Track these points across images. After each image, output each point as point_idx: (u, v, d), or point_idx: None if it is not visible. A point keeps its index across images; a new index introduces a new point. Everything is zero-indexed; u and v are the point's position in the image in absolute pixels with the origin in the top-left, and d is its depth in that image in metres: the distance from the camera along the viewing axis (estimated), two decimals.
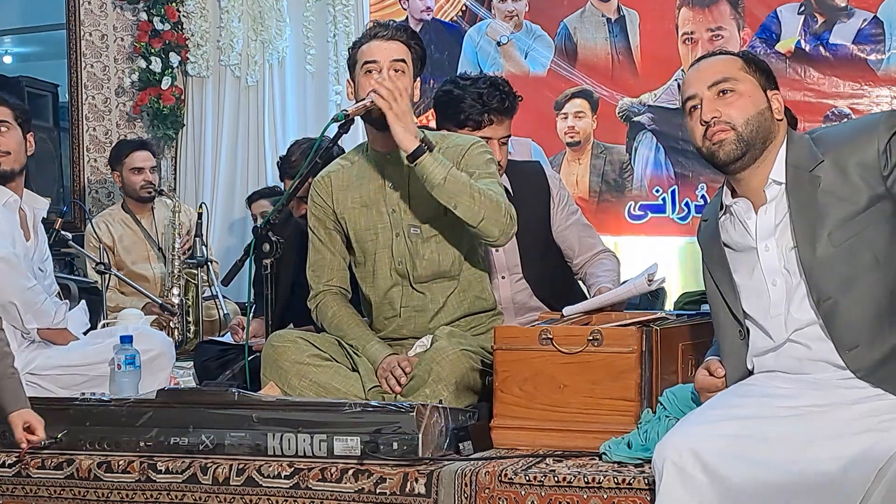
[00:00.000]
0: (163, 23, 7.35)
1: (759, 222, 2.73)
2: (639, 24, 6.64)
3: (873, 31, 6.15)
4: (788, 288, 2.69)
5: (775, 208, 2.72)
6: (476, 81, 4.08)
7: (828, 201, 2.64)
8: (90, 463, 3.23)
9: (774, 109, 2.77)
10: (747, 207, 2.76)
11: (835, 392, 2.60)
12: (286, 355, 3.56)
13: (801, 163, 2.70)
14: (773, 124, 2.76)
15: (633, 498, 2.75)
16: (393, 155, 3.63)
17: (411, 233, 3.64)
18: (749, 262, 2.76)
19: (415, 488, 2.92)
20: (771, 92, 2.79)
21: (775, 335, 2.70)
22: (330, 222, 3.76)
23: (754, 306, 2.75)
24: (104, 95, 7.68)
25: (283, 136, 7.17)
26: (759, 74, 2.80)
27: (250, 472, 3.08)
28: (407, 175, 3.62)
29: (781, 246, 2.70)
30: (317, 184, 3.79)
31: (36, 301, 4.07)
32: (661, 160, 6.58)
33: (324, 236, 3.78)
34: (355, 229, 3.71)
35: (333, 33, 7.16)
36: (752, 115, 2.74)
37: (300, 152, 4.52)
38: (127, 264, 6.17)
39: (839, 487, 2.45)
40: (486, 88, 4.05)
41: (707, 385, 2.83)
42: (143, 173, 6.28)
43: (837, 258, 2.62)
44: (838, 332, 2.61)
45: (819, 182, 2.65)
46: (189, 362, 4.79)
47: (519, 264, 4.16)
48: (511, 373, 3.20)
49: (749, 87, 2.77)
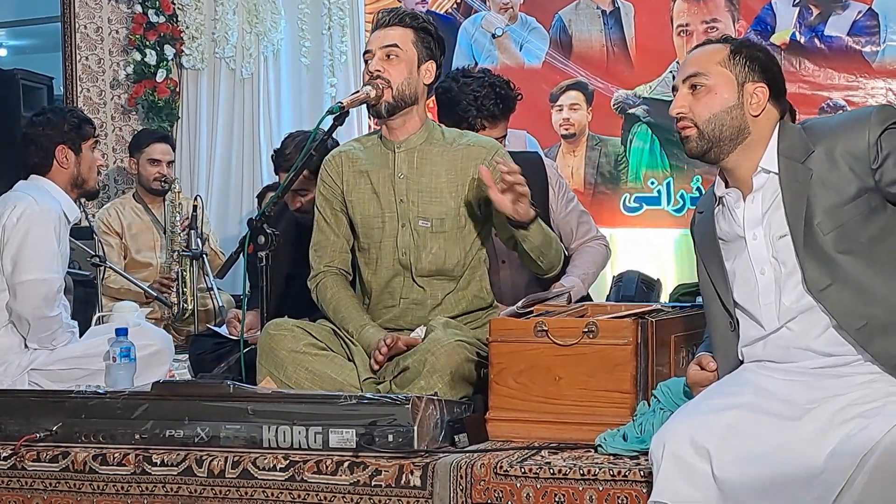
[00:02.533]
0: (157, 15, 7.33)
1: (747, 211, 2.74)
2: (634, 16, 6.64)
3: (868, 23, 6.16)
4: (777, 276, 2.70)
5: (762, 197, 2.73)
6: (474, 82, 4.07)
7: (818, 191, 2.65)
8: (85, 455, 3.23)
9: (752, 105, 2.74)
10: (737, 197, 2.77)
11: (824, 388, 2.61)
12: (283, 344, 3.55)
13: (794, 153, 2.70)
14: (745, 120, 2.73)
15: (628, 490, 2.76)
16: (403, 144, 3.64)
17: (419, 225, 3.63)
18: (737, 252, 2.77)
19: (410, 480, 2.92)
20: (752, 85, 2.75)
21: (766, 324, 2.71)
22: (337, 203, 3.75)
23: (743, 295, 2.76)
24: (99, 88, 7.67)
25: (278, 129, 7.16)
26: (741, 67, 2.75)
27: (246, 464, 3.08)
28: (417, 166, 3.63)
29: (769, 234, 2.71)
30: (328, 162, 3.77)
31: (48, 329, 4.17)
32: (657, 152, 6.58)
33: (329, 216, 3.76)
34: (362, 215, 3.69)
35: (328, 26, 7.15)
36: (716, 112, 2.73)
37: (294, 145, 4.51)
38: (132, 251, 6.19)
39: (823, 476, 2.46)
40: (482, 91, 4.04)
41: (699, 380, 2.84)
42: (160, 166, 6.29)
43: (829, 246, 2.62)
44: (843, 316, 2.61)
45: (811, 174, 2.66)
46: (184, 355, 4.80)
47: None
48: (506, 365, 3.20)
49: (720, 81, 2.75)
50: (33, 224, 4.10)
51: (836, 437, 2.49)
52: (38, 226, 4.10)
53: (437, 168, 3.63)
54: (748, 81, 2.75)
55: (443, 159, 3.64)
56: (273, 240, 3.56)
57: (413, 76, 3.60)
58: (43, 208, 4.14)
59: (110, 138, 7.62)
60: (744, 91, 2.74)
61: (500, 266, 4.19)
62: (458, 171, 3.62)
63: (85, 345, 4.28)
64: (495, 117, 4.04)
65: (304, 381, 3.50)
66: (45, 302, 4.10)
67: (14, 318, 4.13)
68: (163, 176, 6.26)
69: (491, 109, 4.02)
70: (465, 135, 3.75)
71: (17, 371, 4.14)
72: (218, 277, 5.19)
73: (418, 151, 3.65)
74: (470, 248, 3.68)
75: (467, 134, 3.76)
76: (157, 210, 6.32)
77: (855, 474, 2.44)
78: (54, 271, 4.13)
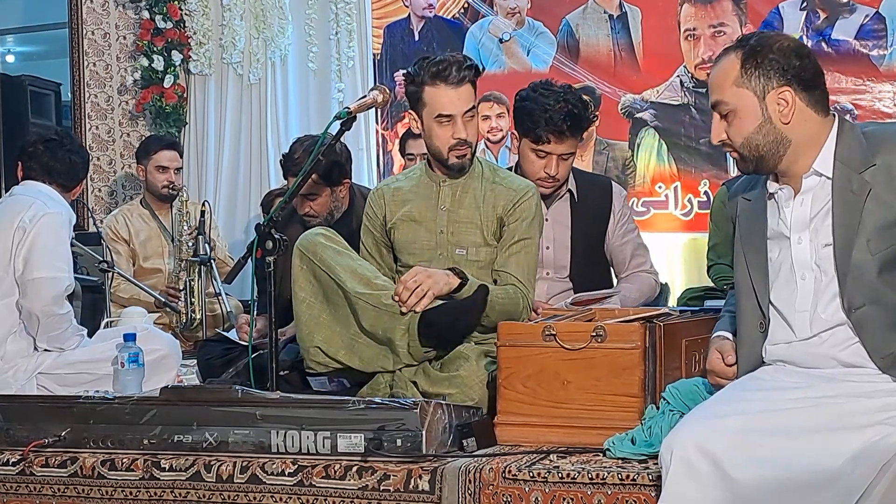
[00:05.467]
0: (165, 21, 7.35)
1: (795, 213, 2.69)
2: (641, 20, 6.64)
3: (875, 27, 6.16)
4: (817, 285, 2.66)
5: (812, 200, 2.68)
6: (551, 96, 4.08)
7: (873, 208, 2.59)
8: (94, 461, 3.23)
9: (781, 114, 2.66)
10: (789, 195, 2.71)
11: (845, 384, 2.59)
12: (318, 240, 3.65)
13: (851, 161, 2.64)
14: (779, 131, 2.66)
15: (636, 494, 2.75)
16: (447, 180, 3.77)
17: (455, 253, 3.74)
18: (781, 251, 2.72)
19: (419, 485, 2.92)
20: (774, 93, 2.66)
21: (798, 331, 2.68)
22: (378, 234, 3.89)
23: (780, 298, 2.72)
24: (107, 94, 7.68)
25: (285, 134, 7.17)
26: (757, 79, 2.66)
27: (254, 469, 3.08)
28: (458, 198, 3.77)
29: (815, 241, 2.66)
30: (372, 195, 3.94)
31: (58, 327, 4.22)
32: (664, 156, 6.58)
33: (371, 246, 3.92)
34: (402, 241, 3.81)
35: (336, 31, 7.16)
36: (749, 133, 2.68)
37: (303, 150, 4.52)
38: (140, 258, 6.19)
39: (842, 481, 2.45)
40: (555, 106, 4.05)
41: (719, 370, 2.83)
42: (168, 173, 6.28)
43: (872, 266, 2.58)
44: (870, 339, 2.59)
45: (869, 188, 2.60)
46: (193, 360, 4.80)
47: (567, 266, 4.27)
48: (515, 369, 3.20)
49: (743, 103, 2.68)
50: (47, 225, 4.20)
51: (856, 440, 2.47)
52: (50, 226, 4.21)
53: (476, 201, 3.77)
54: (768, 91, 2.66)
55: (480, 194, 3.77)
56: (281, 245, 3.56)
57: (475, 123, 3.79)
58: (54, 211, 4.26)
59: (118, 144, 7.63)
60: (766, 104, 2.67)
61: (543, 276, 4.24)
62: (490, 207, 3.75)
63: (93, 349, 4.31)
64: (562, 133, 4.05)
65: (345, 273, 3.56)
66: (54, 300, 4.16)
67: (24, 316, 4.17)
68: (171, 183, 6.26)
69: (558, 125, 4.03)
70: (497, 171, 3.88)
71: (25, 375, 4.17)
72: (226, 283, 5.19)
73: (461, 185, 3.79)
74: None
75: (499, 172, 3.88)
76: (165, 217, 6.32)
77: (875, 481, 2.43)
78: (64, 271, 4.20)
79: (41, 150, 4.42)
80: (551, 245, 4.25)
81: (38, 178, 4.40)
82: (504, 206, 3.75)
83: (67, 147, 4.47)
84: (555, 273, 4.27)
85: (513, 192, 3.77)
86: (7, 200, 4.42)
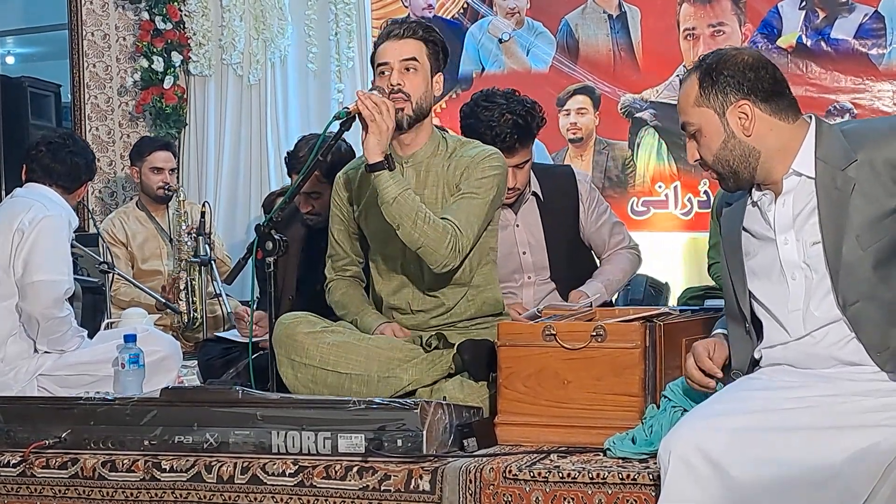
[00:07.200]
0: (165, 22, 7.35)
1: (778, 214, 2.70)
2: (640, 20, 6.64)
3: (874, 26, 6.15)
4: (808, 284, 2.66)
5: (793, 199, 2.68)
6: (495, 110, 4.05)
7: (859, 203, 2.59)
8: (94, 462, 3.24)
9: (743, 127, 2.68)
10: (770, 199, 2.72)
11: (844, 384, 2.59)
12: (299, 329, 3.60)
13: (833, 159, 2.64)
14: (745, 144, 2.68)
15: (637, 493, 2.75)
16: (410, 159, 3.66)
17: None
18: (767, 252, 2.73)
19: (419, 485, 2.92)
20: (733, 108, 2.68)
21: (792, 331, 2.68)
22: (346, 218, 3.81)
23: (771, 299, 2.72)
24: (106, 95, 7.69)
25: (285, 135, 7.17)
26: (714, 97, 2.69)
27: (255, 470, 3.08)
28: (423, 178, 3.65)
29: (802, 240, 2.67)
30: (338, 181, 3.83)
31: (58, 330, 4.21)
32: (664, 156, 6.58)
33: (341, 231, 3.84)
34: (371, 229, 3.73)
35: (335, 31, 7.15)
36: (717, 150, 2.72)
37: (308, 148, 4.51)
38: (139, 261, 6.19)
39: (845, 482, 2.45)
40: (500, 120, 4.02)
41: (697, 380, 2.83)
42: (163, 174, 6.27)
43: (865, 261, 2.58)
44: (867, 335, 2.59)
45: (853, 183, 2.60)
46: (193, 361, 4.81)
47: (547, 266, 4.26)
48: (515, 369, 3.21)
49: (705, 121, 2.71)
50: (46, 228, 4.19)
51: (856, 439, 2.47)
52: (50, 229, 4.20)
53: (438, 179, 3.66)
54: (727, 107, 2.69)
55: (443, 171, 3.67)
56: (281, 245, 3.57)
57: (428, 89, 3.64)
58: (54, 213, 4.25)
59: (118, 145, 7.63)
60: (727, 119, 2.69)
61: (527, 281, 4.24)
62: (452, 179, 3.65)
63: (93, 350, 4.31)
64: (511, 148, 4.03)
65: (329, 356, 3.53)
66: (54, 303, 4.15)
67: (24, 319, 4.17)
68: (166, 184, 6.25)
69: (506, 141, 4.01)
70: (466, 144, 3.75)
71: (26, 377, 4.17)
72: (226, 283, 5.19)
73: (424, 165, 3.67)
74: (476, 254, 3.67)
75: (469, 143, 3.76)
76: (161, 218, 6.31)
77: (879, 484, 2.43)
78: (64, 274, 4.19)
79: (43, 151, 4.41)
80: (527, 249, 4.25)
81: (40, 180, 4.39)
82: (461, 173, 3.62)
83: (70, 148, 4.46)
84: (537, 276, 4.27)
85: (469, 158, 3.63)
86: (7, 203, 4.42)
